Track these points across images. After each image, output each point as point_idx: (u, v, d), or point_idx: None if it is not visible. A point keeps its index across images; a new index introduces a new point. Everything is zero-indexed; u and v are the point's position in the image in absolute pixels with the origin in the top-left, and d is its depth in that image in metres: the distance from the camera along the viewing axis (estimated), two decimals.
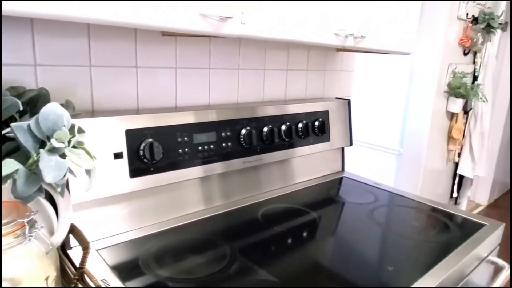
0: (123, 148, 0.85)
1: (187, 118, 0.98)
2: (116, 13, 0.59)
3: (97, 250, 0.83)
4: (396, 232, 1.06)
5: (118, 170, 0.85)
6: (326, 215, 1.14)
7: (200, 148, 1.00)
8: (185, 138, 0.96)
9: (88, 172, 0.61)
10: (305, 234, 1.01)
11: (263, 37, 0.84)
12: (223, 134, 1.05)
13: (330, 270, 0.85)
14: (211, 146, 1.02)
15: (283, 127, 1.21)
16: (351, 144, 1.47)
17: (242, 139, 1.09)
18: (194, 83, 1.08)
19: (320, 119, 1.32)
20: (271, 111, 1.18)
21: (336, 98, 1.50)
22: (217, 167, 1.05)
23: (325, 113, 1.36)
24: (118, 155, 0.84)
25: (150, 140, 0.89)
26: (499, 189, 3.81)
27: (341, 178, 1.47)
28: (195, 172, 1.01)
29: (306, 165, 1.38)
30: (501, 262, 1.10)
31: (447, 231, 1.09)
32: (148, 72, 0.98)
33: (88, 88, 0.89)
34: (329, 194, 1.30)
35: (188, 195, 1.05)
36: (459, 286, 0.93)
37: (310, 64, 1.40)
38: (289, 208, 1.16)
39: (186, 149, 0.97)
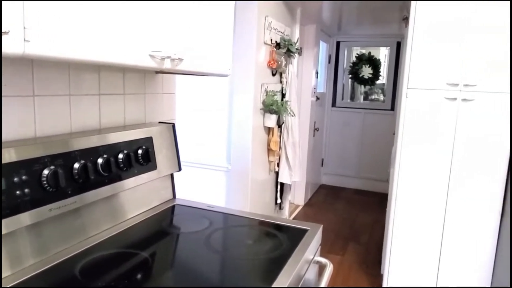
0: None
1: None
2: None
3: None
4: (235, 256, 1.04)
5: None
6: (160, 252, 1.04)
7: None
8: None
9: None
10: (135, 281, 0.88)
11: (58, 58, 0.68)
12: (15, 179, 0.82)
13: None
14: None
15: (100, 160, 1.04)
16: (179, 169, 1.41)
17: (44, 182, 0.88)
18: None
19: (144, 147, 1.21)
20: (82, 143, 1.01)
21: (160, 122, 1.42)
22: (11, 223, 0.82)
23: (149, 139, 1.25)
24: None
25: None
26: (311, 189, 4.43)
27: (173, 206, 1.38)
28: None
29: (134, 199, 1.24)
30: (324, 260, 1.22)
31: (278, 243, 1.14)
32: None
33: None
34: (161, 227, 1.20)
35: None
36: None
37: (127, 87, 1.27)
38: (116, 254, 1.00)
39: None
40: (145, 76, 1.35)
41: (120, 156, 1.12)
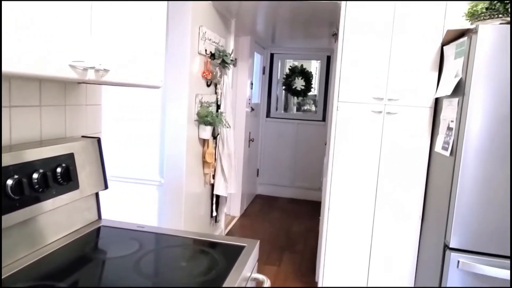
0: None
1: None
2: None
3: None
4: (168, 280, 0.97)
5: None
6: (82, 282, 0.93)
7: None
8: None
9: None
10: None
11: None
12: None
13: None
14: None
15: (10, 181, 0.92)
16: (106, 187, 1.30)
17: None
18: None
19: (64, 164, 1.10)
20: None
21: (83, 136, 1.30)
22: None
23: (70, 156, 1.14)
24: None
25: None
26: (247, 200, 4.43)
27: (99, 228, 1.27)
28: None
29: (53, 222, 1.11)
30: (261, 277, 1.20)
31: (214, 262, 1.09)
32: None
33: None
34: (84, 253, 1.09)
35: None
36: None
37: (44, 98, 1.15)
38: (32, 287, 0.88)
39: None
40: (66, 86, 1.23)
41: (35, 176, 1.00)
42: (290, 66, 4.88)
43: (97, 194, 1.31)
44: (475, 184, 1.69)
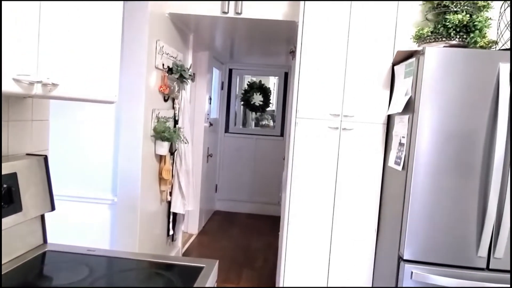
0: None
1: None
2: None
3: None
4: None
5: None
6: None
7: None
8: None
9: None
10: None
11: None
12: None
13: None
14: None
15: None
16: (53, 208, 1.21)
17: None
18: None
19: (5, 185, 1.01)
20: None
21: (28, 154, 1.21)
22: None
23: (12, 176, 1.05)
24: None
25: None
26: (205, 216, 4.34)
27: (44, 253, 1.17)
28: None
29: None
30: None
31: (171, 285, 1.04)
32: None
33: None
34: (27, 281, 0.99)
35: None
36: None
37: None
38: None
39: None
40: (9, 100, 1.14)
41: None
42: (249, 81, 4.92)
43: (42, 216, 1.22)
44: (426, 197, 1.76)
